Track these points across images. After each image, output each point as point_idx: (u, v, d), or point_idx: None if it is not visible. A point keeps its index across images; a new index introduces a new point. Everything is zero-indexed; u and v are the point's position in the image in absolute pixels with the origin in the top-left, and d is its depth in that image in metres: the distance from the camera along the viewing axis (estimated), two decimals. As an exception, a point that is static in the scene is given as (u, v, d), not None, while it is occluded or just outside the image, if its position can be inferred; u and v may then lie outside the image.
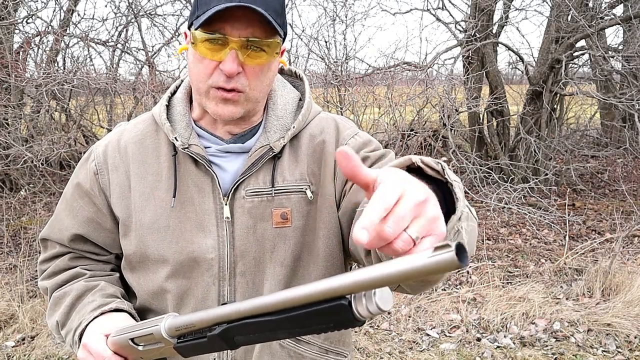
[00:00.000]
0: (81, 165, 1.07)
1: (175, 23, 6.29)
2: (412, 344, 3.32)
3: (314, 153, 1.00)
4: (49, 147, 4.50)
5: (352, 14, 7.25)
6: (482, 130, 6.69)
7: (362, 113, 5.75)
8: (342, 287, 0.55)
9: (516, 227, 5.51)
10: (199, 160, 0.96)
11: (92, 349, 0.90)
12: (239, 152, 0.99)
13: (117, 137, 1.05)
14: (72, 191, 1.05)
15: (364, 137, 1.02)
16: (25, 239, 4.51)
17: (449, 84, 5.63)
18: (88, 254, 1.08)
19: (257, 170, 0.97)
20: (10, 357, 3.17)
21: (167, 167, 0.99)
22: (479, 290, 3.91)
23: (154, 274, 0.99)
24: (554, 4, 6.07)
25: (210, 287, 0.97)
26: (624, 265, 4.18)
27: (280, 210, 0.97)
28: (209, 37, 0.86)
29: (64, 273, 1.07)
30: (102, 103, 5.66)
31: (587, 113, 8.32)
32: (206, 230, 0.97)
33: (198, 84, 0.92)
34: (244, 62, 0.88)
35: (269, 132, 0.99)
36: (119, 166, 1.01)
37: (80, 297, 1.01)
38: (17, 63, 4.80)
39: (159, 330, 0.78)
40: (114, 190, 1.01)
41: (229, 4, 0.82)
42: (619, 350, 3.19)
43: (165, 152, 1.00)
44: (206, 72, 0.89)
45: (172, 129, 0.98)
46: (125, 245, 1.01)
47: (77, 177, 1.06)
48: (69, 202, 1.06)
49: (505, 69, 8.98)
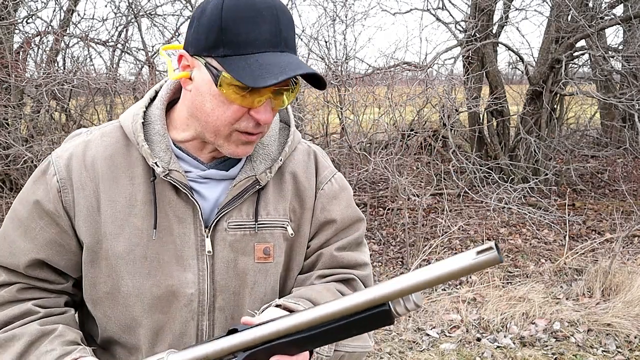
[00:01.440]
0: (37, 179, 0.93)
1: (175, 23, 6.30)
2: (412, 344, 3.32)
3: (297, 191, 0.98)
4: (49, 147, 4.50)
5: (352, 14, 7.25)
6: (482, 130, 6.70)
7: (362, 113, 5.75)
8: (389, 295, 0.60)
9: (516, 227, 5.51)
10: (180, 188, 0.89)
11: None
12: (220, 179, 0.94)
13: (82, 150, 0.93)
14: (30, 210, 0.92)
15: (339, 182, 1.02)
16: (25, 239, 4.51)
17: (449, 84, 5.63)
18: (42, 283, 0.94)
19: (241, 203, 0.92)
20: (10, 357, 3.17)
21: (144, 191, 0.90)
22: (479, 290, 3.91)
23: (126, 307, 0.91)
24: (554, 4, 6.07)
25: (189, 322, 0.92)
26: (624, 265, 4.18)
27: (263, 246, 0.94)
28: (242, 85, 0.79)
29: (10, 308, 0.91)
30: (102, 103, 5.66)
31: (587, 113, 8.32)
32: (186, 263, 0.91)
33: (220, 127, 0.85)
34: (274, 107, 0.86)
35: (254, 161, 0.94)
36: (85, 184, 0.90)
37: (34, 342, 0.88)
38: (17, 63, 4.80)
39: None
40: (80, 212, 0.90)
41: (285, 76, 0.77)
42: (619, 350, 3.19)
43: (140, 173, 0.91)
44: (235, 117, 0.83)
45: (151, 151, 0.90)
46: (92, 273, 0.92)
47: (34, 194, 0.92)
48: (25, 222, 0.92)
49: (505, 69, 8.99)
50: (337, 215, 0.99)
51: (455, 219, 5.42)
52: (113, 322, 0.93)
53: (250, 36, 0.78)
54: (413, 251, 4.69)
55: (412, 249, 4.73)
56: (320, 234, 0.99)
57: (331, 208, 0.99)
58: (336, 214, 0.99)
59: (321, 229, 0.99)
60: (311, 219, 0.98)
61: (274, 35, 0.79)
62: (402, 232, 5.10)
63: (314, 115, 5.64)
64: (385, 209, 5.66)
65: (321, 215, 0.98)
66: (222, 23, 0.78)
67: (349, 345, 0.92)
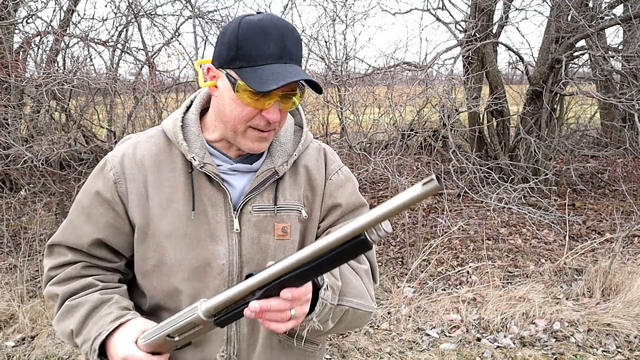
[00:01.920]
0: (97, 174, 1.14)
1: (175, 23, 6.30)
2: (412, 344, 3.32)
3: (309, 182, 1.17)
4: (49, 147, 4.50)
5: (352, 14, 7.26)
6: (482, 130, 6.70)
7: (362, 113, 5.75)
8: (362, 227, 0.75)
9: (516, 227, 5.51)
10: (213, 178, 1.09)
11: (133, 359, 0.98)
12: (245, 172, 1.13)
13: (132, 150, 1.13)
14: (91, 199, 1.12)
15: (345, 174, 1.22)
16: (25, 239, 4.51)
17: (449, 84, 5.63)
18: (101, 262, 1.14)
19: (263, 190, 1.12)
20: (10, 357, 3.17)
21: (183, 182, 1.10)
22: (479, 290, 3.91)
23: (169, 277, 1.09)
24: (554, 4, 6.07)
25: (221, 289, 1.09)
26: (624, 265, 4.18)
27: (282, 225, 1.12)
28: (255, 90, 0.97)
29: (76, 282, 1.11)
30: (102, 103, 5.65)
31: (587, 113, 8.33)
32: (218, 239, 1.09)
33: (237, 124, 1.04)
34: (282, 109, 1.03)
35: (273, 156, 1.14)
36: (136, 177, 1.11)
37: (96, 308, 1.07)
38: (17, 63, 4.80)
39: (199, 317, 0.91)
40: (132, 199, 1.10)
41: (291, 79, 0.95)
42: (619, 350, 3.19)
43: (180, 167, 1.11)
44: (248, 116, 1.02)
45: (189, 148, 1.09)
46: (142, 250, 1.11)
47: (94, 186, 1.12)
48: (87, 209, 1.12)
49: (505, 69, 9.00)
50: (343, 200, 1.18)
51: (455, 219, 5.42)
52: (159, 290, 1.11)
53: (259, 51, 0.97)
54: (413, 251, 4.69)
55: (412, 249, 4.73)
56: (329, 217, 1.18)
57: (338, 195, 1.18)
58: (342, 200, 1.18)
59: (329, 212, 1.18)
60: (321, 204, 1.17)
61: (280, 50, 0.98)
62: (402, 232, 5.10)
63: (314, 115, 5.64)
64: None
65: (329, 200, 1.17)
66: (238, 42, 0.98)
67: (352, 301, 1.08)
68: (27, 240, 4.44)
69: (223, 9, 9.25)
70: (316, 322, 1.01)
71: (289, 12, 11.79)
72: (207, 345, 1.12)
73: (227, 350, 1.12)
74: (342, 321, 1.09)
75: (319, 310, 1.00)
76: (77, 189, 4.63)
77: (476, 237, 5.11)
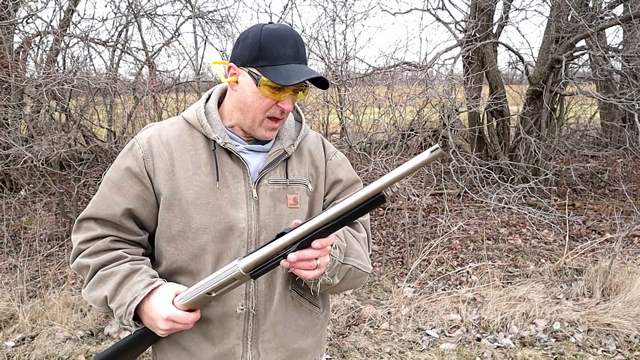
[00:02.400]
0: (125, 154, 1.29)
1: (175, 23, 6.30)
2: (412, 344, 3.32)
3: (312, 162, 1.38)
4: (49, 147, 4.50)
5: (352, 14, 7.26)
6: (482, 130, 6.70)
7: (362, 113, 5.75)
8: (382, 186, 0.99)
9: (516, 227, 5.51)
10: (234, 154, 1.27)
11: (176, 317, 1.14)
12: (259, 151, 1.32)
13: (158, 133, 1.30)
14: (122, 174, 1.26)
15: (341, 156, 1.45)
16: (25, 239, 4.51)
17: (449, 84, 5.62)
18: (128, 235, 1.28)
19: (275, 167, 1.31)
20: (10, 357, 3.17)
21: (206, 157, 1.27)
22: (479, 290, 3.91)
23: (195, 240, 1.24)
24: (554, 4, 6.07)
25: (241, 249, 1.25)
26: (624, 265, 4.18)
27: (293, 196, 1.31)
28: (274, 84, 1.19)
29: (106, 254, 1.24)
30: (102, 103, 5.65)
31: (587, 113, 8.33)
32: (239, 206, 1.26)
33: (257, 114, 1.24)
34: (293, 101, 1.25)
35: (281, 139, 1.34)
36: (163, 154, 1.26)
37: (128, 276, 1.20)
38: (17, 63, 4.80)
39: (239, 273, 1.09)
40: (158, 174, 1.25)
41: (310, 75, 1.17)
42: (619, 350, 3.19)
43: (202, 147, 1.28)
44: (267, 107, 1.23)
45: (212, 129, 1.28)
46: (168, 217, 1.25)
47: (124, 163, 1.27)
48: (118, 182, 1.26)
49: (505, 69, 9.00)
50: (343, 176, 1.41)
51: (455, 219, 5.42)
52: (184, 253, 1.25)
53: (280, 53, 1.19)
54: (413, 251, 4.69)
55: (412, 249, 4.73)
56: (332, 191, 1.39)
57: (338, 172, 1.41)
58: (342, 176, 1.41)
59: (332, 187, 1.40)
60: (325, 181, 1.39)
61: (295, 52, 1.21)
62: (402, 232, 5.10)
63: (314, 115, 5.64)
64: (385, 209, 5.66)
65: (332, 176, 1.39)
66: (261, 45, 1.19)
67: (354, 261, 1.28)
68: (27, 240, 4.44)
69: (223, 9, 9.22)
70: (327, 275, 1.20)
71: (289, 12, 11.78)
72: (228, 300, 1.25)
73: (246, 304, 1.27)
74: (345, 278, 1.28)
75: (330, 265, 1.19)
76: (77, 189, 4.63)
77: (476, 237, 5.11)
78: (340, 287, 1.31)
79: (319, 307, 1.41)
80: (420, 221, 5.20)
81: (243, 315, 1.27)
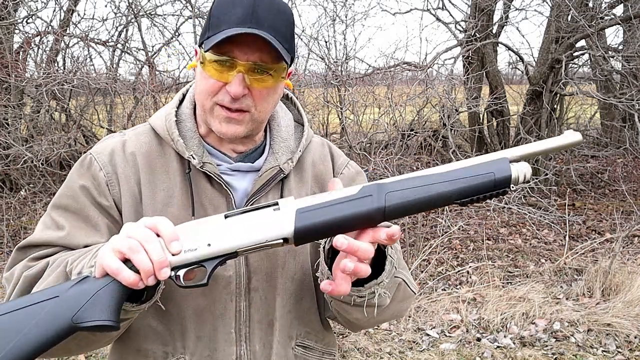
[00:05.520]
0: (82, 174, 0.98)
1: (175, 23, 6.29)
2: (412, 344, 3.32)
3: (316, 177, 1.09)
4: (49, 147, 4.50)
5: (352, 14, 7.26)
6: (482, 130, 6.69)
7: (362, 113, 5.75)
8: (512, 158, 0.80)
9: (516, 227, 5.51)
10: (214, 179, 0.98)
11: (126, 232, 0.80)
12: (247, 171, 1.02)
13: (121, 146, 1.00)
14: (83, 199, 0.97)
15: (355, 167, 1.15)
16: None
17: (449, 84, 5.63)
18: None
19: (268, 191, 1.01)
20: (10, 357, 3.17)
21: (180, 183, 0.99)
22: (479, 290, 3.91)
23: (166, 296, 0.93)
24: (554, 4, 6.07)
25: (228, 303, 0.99)
26: (624, 265, 4.18)
27: None
28: (218, 58, 0.90)
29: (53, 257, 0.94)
30: (102, 103, 5.66)
31: (587, 113, 8.33)
32: None
33: (203, 100, 0.95)
34: (251, 85, 0.91)
35: (276, 153, 1.03)
36: (129, 176, 0.98)
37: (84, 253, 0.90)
38: (17, 63, 4.80)
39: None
40: (126, 202, 0.97)
41: (240, 30, 0.86)
42: (619, 350, 3.19)
43: (176, 168, 0.99)
44: (212, 90, 0.92)
45: (186, 146, 0.98)
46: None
47: (80, 182, 0.97)
48: (80, 211, 0.97)
49: (505, 69, 8.99)
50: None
51: (455, 219, 5.42)
52: (150, 311, 0.95)
53: (225, 17, 0.89)
54: (413, 251, 4.69)
55: (412, 249, 4.73)
56: None
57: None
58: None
59: None
60: None
61: (246, 15, 0.88)
62: (401, 232, 5.09)
63: (314, 115, 5.64)
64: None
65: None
66: (211, 12, 0.92)
67: (404, 274, 1.01)
68: (27, 240, 4.44)
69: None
70: (386, 282, 0.92)
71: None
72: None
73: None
74: (394, 298, 0.99)
75: (388, 271, 0.91)
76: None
77: (476, 237, 5.11)
78: (386, 314, 1.02)
79: (332, 355, 1.14)
80: (420, 221, 5.20)
81: None
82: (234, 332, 1.00)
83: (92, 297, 0.73)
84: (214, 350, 1.00)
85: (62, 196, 0.99)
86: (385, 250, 0.91)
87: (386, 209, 0.78)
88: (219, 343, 1.00)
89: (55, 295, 0.74)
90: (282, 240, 0.79)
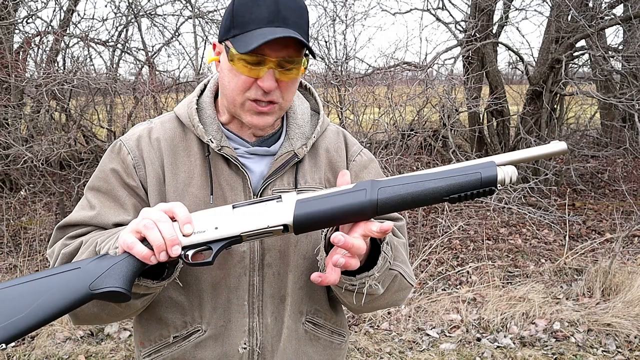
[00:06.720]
0: (112, 158, 1.07)
1: (175, 23, 6.29)
2: (412, 344, 3.32)
3: (330, 164, 1.15)
4: (49, 147, 4.50)
5: (352, 14, 7.24)
6: (482, 130, 6.69)
7: (362, 113, 5.74)
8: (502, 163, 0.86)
9: (516, 227, 5.51)
10: (232, 161, 1.05)
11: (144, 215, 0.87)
12: (263, 155, 1.09)
13: (147, 133, 1.09)
14: (113, 181, 1.06)
15: (367, 155, 1.20)
16: (25, 239, 4.51)
17: (449, 84, 5.62)
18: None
19: (283, 174, 1.08)
20: (11, 357, 3.17)
21: (200, 165, 1.07)
22: (479, 290, 3.91)
23: (185, 268, 1.01)
24: (554, 4, 6.07)
25: (242, 277, 1.06)
26: (624, 265, 4.18)
27: None
28: (250, 57, 0.95)
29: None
30: (102, 103, 5.65)
31: (587, 113, 8.32)
32: None
33: (234, 96, 1.00)
34: (279, 78, 0.97)
35: (292, 139, 1.10)
36: (154, 160, 1.07)
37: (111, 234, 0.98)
38: (17, 63, 4.80)
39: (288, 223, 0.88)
40: (151, 182, 1.06)
41: (272, 30, 0.92)
42: (619, 350, 3.19)
43: (196, 151, 1.07)
44: (244, 86, 0.98)
45: (205, 131, 1.06)
46: None
47: (113, 170, 1.06)
48: (110, 192, 1.06)
49: (505, 69, 8.99)
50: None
51: (455, 219, 5.42)
52: (171, 283, 1.00)
53: (251, 17, 0.95)
54: (413, 251, 4.69)
55: (412, 249, 4.73)
56: None
57: (363, 175, 1.16)
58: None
59: None
60: None
61: (272, 14, 0.94)
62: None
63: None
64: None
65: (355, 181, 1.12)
66: (233, 11, 0.96)
67: (401, 267, 1.06)
68: (27, 240, 4.44)
69: (223, 8, 9.22)
70: (377, 275, 0.97)
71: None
72: (228, 338, 1.07)
73: (249, 342, 1.08)
74: (389, 289, 1.05)
75: (381, 264, 0.96)
76: (77, 189, 4.63)
77: (476, 237, 5.11)
78: (382, 301, 1.07)
79: (342, 336, 1.20)
80: (420, 221, 5.20)
81: (246, 355, 1.08)
82: (247, 304, 1.07)
83: (108, 269, 0.84)
84: (228, 320, 1.07)
85: (95, 179, 1.09)
86: (381, 247, 0.96)
87: (378, 201, 0.83)
88: (233, 314, 1.07)
89: (78, 267, 0.86)
90: (282, 227, 0.86)
